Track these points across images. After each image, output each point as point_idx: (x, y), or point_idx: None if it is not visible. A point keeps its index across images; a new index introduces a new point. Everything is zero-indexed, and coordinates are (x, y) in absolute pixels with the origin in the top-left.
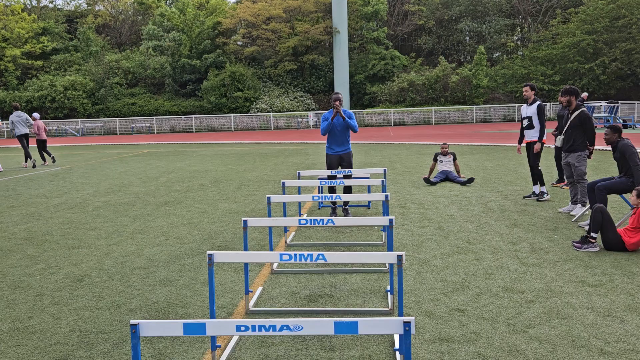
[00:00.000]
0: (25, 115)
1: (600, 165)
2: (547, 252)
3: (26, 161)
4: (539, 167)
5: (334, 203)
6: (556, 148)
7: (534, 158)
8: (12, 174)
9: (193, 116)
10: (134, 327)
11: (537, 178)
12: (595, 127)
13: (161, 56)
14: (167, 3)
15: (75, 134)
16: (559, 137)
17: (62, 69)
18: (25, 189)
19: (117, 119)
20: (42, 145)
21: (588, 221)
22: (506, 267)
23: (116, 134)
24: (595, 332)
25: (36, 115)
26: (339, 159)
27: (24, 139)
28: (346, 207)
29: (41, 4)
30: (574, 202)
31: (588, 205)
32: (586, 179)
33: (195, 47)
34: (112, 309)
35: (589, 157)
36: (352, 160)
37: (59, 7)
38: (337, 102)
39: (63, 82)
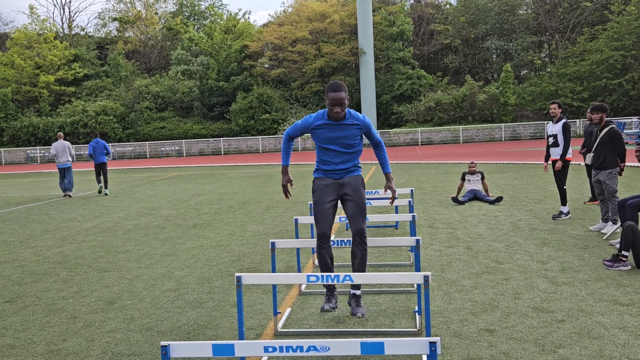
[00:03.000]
0: None
1: (632, 182)
2: (577, 271)
3: None
4: (565, 186)
5: (328, 286)
6: (587, 166)
7: (559, 176)
8: (46, 199)
9: (221, 139)
10: (165, 348)
11: (561, 196)
12: (626, 143)
13: (189, 80)
14: (195, 28)
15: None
16: (588, 154)
17: (93, 94)
18: (58, 213)
19: (147, 142)
20: None
21: (619, 239)
22: (536, 287)
23: (146, 157)
24: (627, 352)
25: None
26: (338, 187)
27: None
28: (357, 293)
29: (73, 32)
30: (605, 220)
31: (619, 223)
32: (617, 196)
33: (222, 71)
34: (143, 331)
35: (620, 174)
36: (362, 191)
37: (90, 34)
38: (336, 109)
39: (94, 107)
